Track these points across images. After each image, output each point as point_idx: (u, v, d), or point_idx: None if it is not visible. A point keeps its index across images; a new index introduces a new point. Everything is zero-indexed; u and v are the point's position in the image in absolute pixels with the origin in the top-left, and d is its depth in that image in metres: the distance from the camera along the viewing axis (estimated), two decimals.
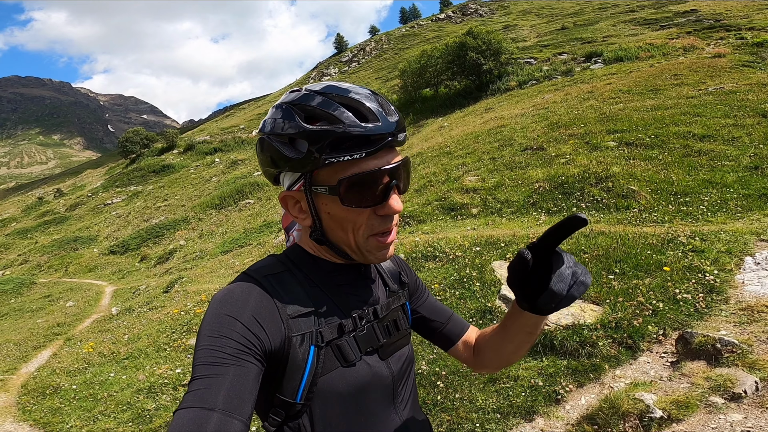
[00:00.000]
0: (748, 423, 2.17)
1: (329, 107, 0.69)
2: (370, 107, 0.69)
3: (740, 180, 5.65)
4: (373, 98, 0.71)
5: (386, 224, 0.74)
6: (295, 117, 0.70)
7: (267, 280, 0.73)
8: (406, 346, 0.86)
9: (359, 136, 0.67)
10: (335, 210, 0.72)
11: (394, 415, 0.80)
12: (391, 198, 0.72)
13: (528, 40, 25.29)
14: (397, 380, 0.81)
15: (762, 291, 3.36)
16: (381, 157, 0.71)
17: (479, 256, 4.82)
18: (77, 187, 38.34)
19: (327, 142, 0.67)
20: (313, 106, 0.70)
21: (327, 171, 0.70)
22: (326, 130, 0.67)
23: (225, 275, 9.25)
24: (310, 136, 0.68)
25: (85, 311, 10.29)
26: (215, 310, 0.66)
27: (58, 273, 17.31)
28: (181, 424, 0.56)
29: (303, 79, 47.56)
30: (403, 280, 0.92)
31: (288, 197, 0.76)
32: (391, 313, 0.84)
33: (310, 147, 0.68)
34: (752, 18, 17.70)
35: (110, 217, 23.16)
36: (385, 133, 0.69)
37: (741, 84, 9.59)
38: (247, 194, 17.76)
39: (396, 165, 0.72)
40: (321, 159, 0.67)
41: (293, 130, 0.69)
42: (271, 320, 0.67)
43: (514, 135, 9.63)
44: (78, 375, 5.65)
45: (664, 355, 2.93)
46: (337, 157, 0.67)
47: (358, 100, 0.70)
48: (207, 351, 0.62)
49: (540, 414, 2.67)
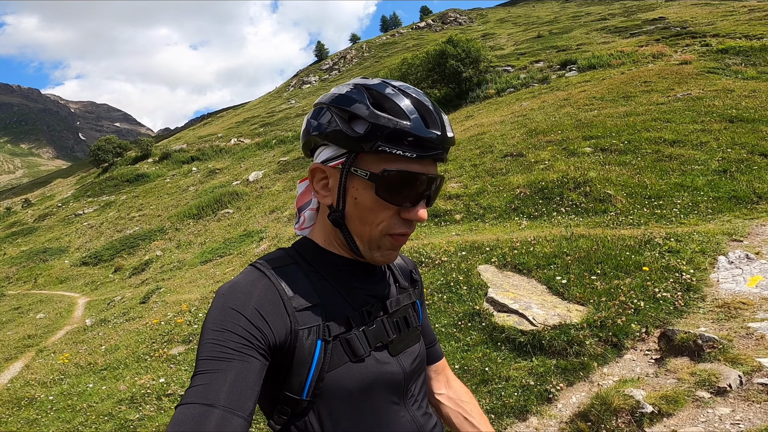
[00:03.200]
0: (736, 416, 2.25)
1: (401, 101, 0.70)
2: (436, 117, 0.71)
3: (710, 183, 5.91)
4: (439, 110, 0.73)
5: (405, 228, 0.73)
6: (365, 98, 0.70)
7: (273, 272, 0.71)
8: (418, 344, 0.84)
9: (418, 137, 0.68)
10: (364, 198, 0.71)
11: (405, 413, 0.78)
12: (420, 205, 0.73)
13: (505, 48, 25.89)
14: (409, 378, 0.79)
15: (736, 288, 3.52)
16: (425, 165, 0.72)
17: (465, 260, 4.87)
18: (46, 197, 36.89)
19: (387, 132, 0.67)
20: (386, 95, 0.70)
21: (372, 158, 0.70)
22: (390, 120, 0.68)
23: (205, 285, 9.03)
24: (374, 121, 0.68)
25: (57, 323, 9.86)
26: (219, 303, 0.65)
27: (27, 285, 16.56)
28: (182, 421, 0.55)
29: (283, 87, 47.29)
30: (414, 278, 0.92)
31: (318, 170, 0.75)
32: (402, 309, 0.82)
33: (369, 130, 0.68)
34: (716, 25, 18.60)
35: (81, 228, 22.33)
36: (438, 144, 0.70)
37: (707, 90, 10.06)
38: (226, 204, 17.41)
39: (435, 176, 0.73)
40: (375, 145, 0.68)
41: (359, 109, 0.69)
42: (276, 313, 0.66)
43: (494, 142, 9.81)
44: (54, 386, 5.42)
45: (648, 353, 3.01)
46: (391, 149, 0.67)
47: (427, 106, 0.71)
48: (210, 345, 0.61)
49: (533, 413, 2.70)
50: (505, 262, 4.60)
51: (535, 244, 4.78)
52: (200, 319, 6.04)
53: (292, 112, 33.14)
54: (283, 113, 33.83)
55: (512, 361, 3.16)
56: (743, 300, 3.28)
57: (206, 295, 7.34)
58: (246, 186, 18.47)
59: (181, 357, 5.14)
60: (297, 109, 33.77)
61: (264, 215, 13.86)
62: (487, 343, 3.43)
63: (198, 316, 6.22)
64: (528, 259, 4.50)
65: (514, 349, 3.27)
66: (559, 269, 4.19)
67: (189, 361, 4.94)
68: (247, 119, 36.19)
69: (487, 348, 3.37)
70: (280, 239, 10.06)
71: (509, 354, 3.24)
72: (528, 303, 3.65)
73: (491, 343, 3.40)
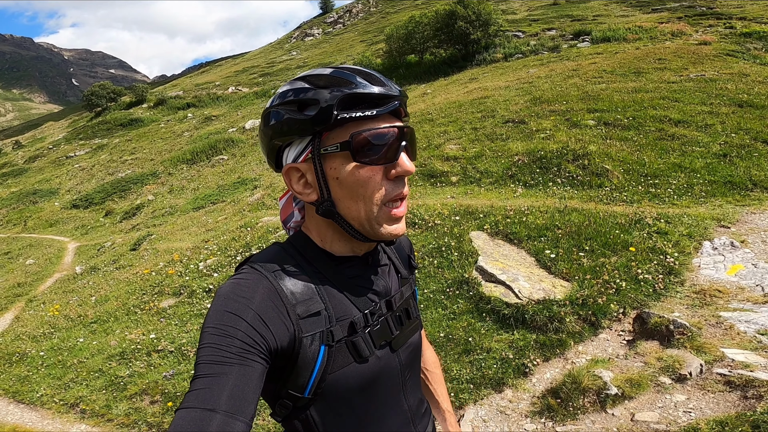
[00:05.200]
0: (690, 404, 2.34)
1: (339, 74, 0.71)
2: (377, 76, 0.72)
3: (708, 166, 5.86)
4: (378, 73, 0.74)
5: (398, 188, 0.72)
6: (306, 85, 0.71)
7: (275, 275, 0.70)
8: (416, 333, 0.85)
9: (369, 94, 0.69)
10: (345, 173, 0.70)
11: (403, 402, 0.81)
12: (402, 157, 0.72)
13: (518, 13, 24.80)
14: (405, 369, 0.81)
15: (716, 275, 3.57)
16: (388, 120, 0.72)
17: (458, 225, 4.89)
18: (37, 140, 36.12)
19: (338, 100, 0.68)
20: (323, 74, 0.71)
21: (338, 131, 0.70)
22: (337, 90, 0.69)
23: (197, 233, 9.01)
24: (320, 97, 0.68)
25: (47, 270, 9.91)
26: (219, 306, 0.64)
27: (17, 228, 16.53)
28: (183, 425, 0.55)
29: (285, 38, 45.36)
30: (412, 264, 0.91)
31: (292, 170, 0.74)
32: (404, 302, 0.83)
33: (321, 107, 0.68)
34: (745, 8, 17.87)
35: (73, 170, 22.03)
36: (393, 96, 0.71)
37: (722, 72, 9.78)
38: (220, 150, 17.15)
39: (403, 127, 0.73)
40: (333, 116, 0.68)
41: (303, 95, 0.70)
42: (278, 319, 0.65)
43: (497, 107, 9.60)
44: (44, 340, 5.50)
45: (621, 333, 3.09)
46: (349, 113, 0.68)
47: (366, 71, 0.72)
48: (210, 349, 0.60)
49: (509, 386, 2.81)
50: (497, 230, 4.62)
51: (528, 214, 4.79)
52: (191, 270, 6.08)
53: (293, 63, 32.02)
54: (284, 64, 32.70)
55: (495, 333, 3.24)
56: (720, 288, 3.34)
57: (198, 245, 7.34)
58: (242, 133, 18.14)
59: (171, 311, 5.21)
60: (298, 60, 32.60)
61: (259, 163, 13.69)
62: (473, 312, 3.50)
63: (189, 266, 6.25)
64: (520, 229, 4.52)
65: (498, 320, 3.35)
66: (549, 242, 4.22)
67: (179, 315, 5.02)
68: (246, 69, 34.99)
69: (473, 318, 3.44)
70: (274, 189, 9.98)
71: (493, 326, 3.32)
72: (515, 275, 3.69)
73: (477, 313, 3.47)
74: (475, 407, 2.73)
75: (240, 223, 7.58)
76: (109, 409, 3.71)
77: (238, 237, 6.77)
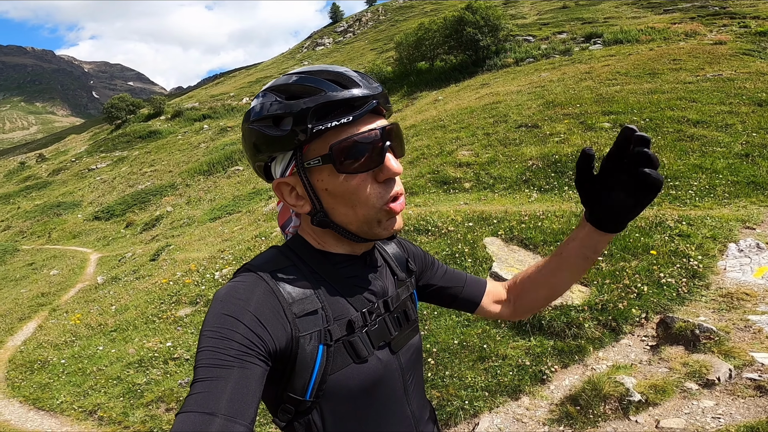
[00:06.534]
0: (719, 410, 2.24)
1: (308, 81, 0.68)
2: (349, 75, 0.69)
3: (730, 167, 5.69)
4: (352, 71, 0.71)
5: (391, 188, 0.71)
6: (276, 98, 0.69)
7: (271, 276, 0.70)
8: (416, 336, 0.84)
9: (342, 100, 0.66)
10: (333, 184, 0.69)
11: (406, 407, 0.80)
12: (387, 159, 0.70)
13: (528, 18, 24.74)
14: (407, 372, 0.80)
15: (743, 278, 3.44)
16: (370, 122, 0.70)
17: (471, 231, 4.83)
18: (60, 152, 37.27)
19: (311, 112, 0.66)
20: (292, 83, 0.69)
21: (317, 143, 0.68)
22: (309, 101, 0.66)
23: (213, 243, 9.17)
24: (293, 110, 0.66)
25: (70, 280, 10.17)
26: (217, 309, 0.64)
27: (42, 239, 17.03)
28: (183, 429, 0.54)
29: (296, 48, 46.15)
30: (410, 268, 0.90)
31: (282, 185, 0.73)
32: (401, 303, 0.82)
33: (296, 120, 0.66)
34: (758, 7, 17.50)
35: (94, 183, 22.67)
36: (368, 96, 0.68)
37: (740, 72, 9.55)
38: (236, 161, 17.45)
39: (385, 126, 0.70)
40: (308, 129, 0.66)
41: (276, 109, 0.68)
42: (276, 320, 0.65)
43: (509, 111, 9.53)
44: (66, 348, 5.61)
45: (644, 339, 3.00)
46: (324, 124, 0.66)
47: (336, 71, 0.69)
48: (209, 352, 0.60)
49: (526, 393, 2.74)
50: (512, 236, 4.55)
51: (544, 219, 4.71)
52: (207, 280, 6.16)
53: None
54: None
55: (511, 340, 3.17)
56: (747, 291, 3.22)
57: (214, 255, 7.45)
58: None
59: (188, 319, 5.28)
60: None
61: None
62: (487, 319, 3.44)
63: (205, 276, 6.34)
64: (535, 234, 4.45)
65: (514, 327, 3.28)
66: None
67: (195, 324, 5.08)
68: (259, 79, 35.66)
69: (487, 324, 3.39)
70: None
71: (508, 332, 3.26)
72: None
73: (492, 320, 3.41)
74: (491, 415, 2.67)
75: (255, 233, 7.66)
76: (126, 417, 3.75)
77: (253, 246, 6.84)
